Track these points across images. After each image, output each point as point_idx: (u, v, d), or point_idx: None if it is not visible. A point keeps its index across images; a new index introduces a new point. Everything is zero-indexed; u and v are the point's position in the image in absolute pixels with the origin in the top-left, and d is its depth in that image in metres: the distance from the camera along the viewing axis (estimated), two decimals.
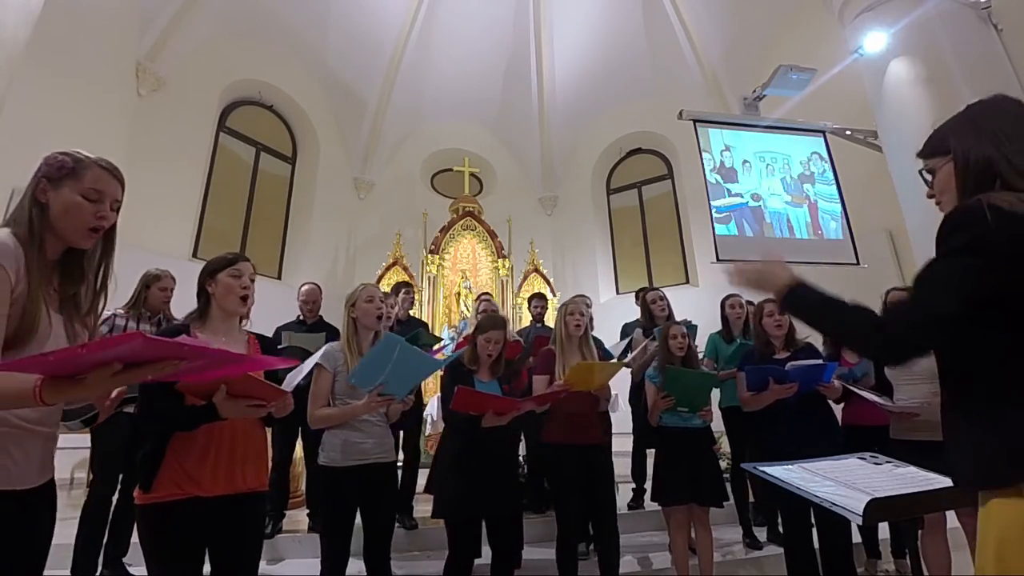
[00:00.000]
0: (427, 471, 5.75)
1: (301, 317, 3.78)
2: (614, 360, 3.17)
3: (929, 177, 1.10)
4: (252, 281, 1.74)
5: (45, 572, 1.19)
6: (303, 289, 3.84)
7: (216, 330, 1.69)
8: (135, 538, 2.83)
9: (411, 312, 4.37)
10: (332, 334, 3.38)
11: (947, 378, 0.98)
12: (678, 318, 3.74)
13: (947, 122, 1.08)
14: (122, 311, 2.93)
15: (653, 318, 4.01)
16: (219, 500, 1.54)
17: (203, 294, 1.72)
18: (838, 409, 2.98)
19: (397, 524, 2.91)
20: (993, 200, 0.88)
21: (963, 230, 0.90)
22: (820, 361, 2.65)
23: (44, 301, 1.09)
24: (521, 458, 4.03)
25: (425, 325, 4.27)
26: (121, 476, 2.83)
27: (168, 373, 0.96)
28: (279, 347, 3.24)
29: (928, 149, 1.11)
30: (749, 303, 3.98)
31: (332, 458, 2.16)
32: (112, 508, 2.79)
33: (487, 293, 5.56)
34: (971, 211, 0.90)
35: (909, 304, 0.94)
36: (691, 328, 3.53)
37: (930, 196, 1.11)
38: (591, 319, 3.23)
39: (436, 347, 3.86)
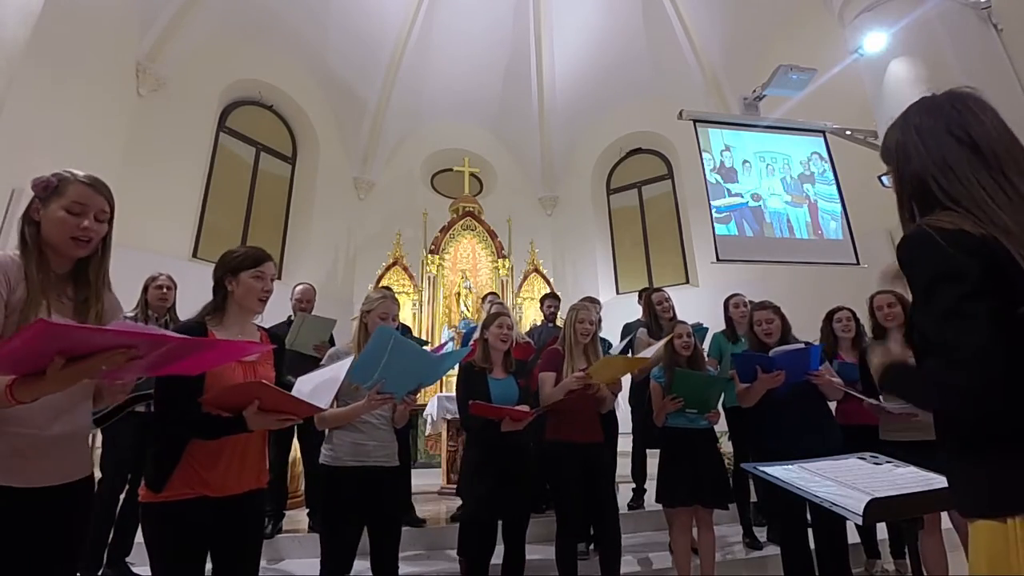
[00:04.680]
0: (425, 471, 5.77)
1: (293, 317, 3.77)
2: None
3: (887, 183, 1.08)
4: (272, 281, 1.70)
5: None
6: (298, 288, 3.88)
7: (231, 326, 1.66)
8: (139, 538, 2.83)
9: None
10: None
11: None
12: (682, 320, 3.73)
13: (893, 123, 1.05)
14: (131, 314, 2.98)
15: (658, 319, 3.99)
16: (224, 499, 1.55)
17: (220, 289, 1.66)
18: (831, 407, 2.93)
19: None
20: (935, 223, 0.86)
21: (922, 262, 0.86)
22: (802, 345, 2.64)
23: (48, 308, 1.19)
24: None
25: (408, 329, 4.25)
26: (129, 476, 2.84)
27: (122, 363, 0.99)
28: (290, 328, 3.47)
29: (882, 153, 1.08)
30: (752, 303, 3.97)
31: (333, 457, 2.17)
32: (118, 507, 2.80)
33: (493, 292, 5.60)
34: (919, 239, 0.87)
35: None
36: (701, 331, 3.52)
37: None
38: (600, 320, 3.22)
39: (436, 345, 3.86)
